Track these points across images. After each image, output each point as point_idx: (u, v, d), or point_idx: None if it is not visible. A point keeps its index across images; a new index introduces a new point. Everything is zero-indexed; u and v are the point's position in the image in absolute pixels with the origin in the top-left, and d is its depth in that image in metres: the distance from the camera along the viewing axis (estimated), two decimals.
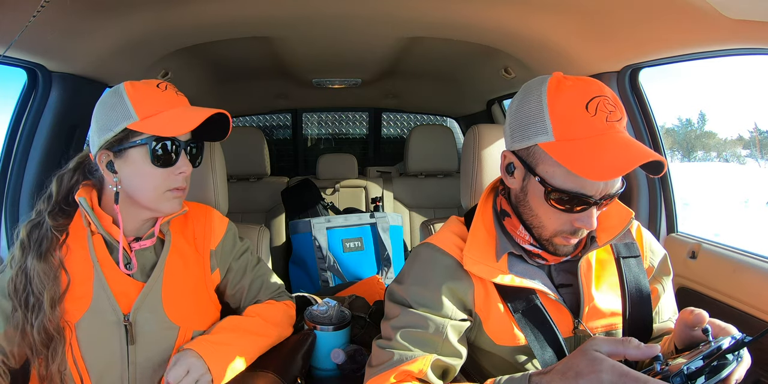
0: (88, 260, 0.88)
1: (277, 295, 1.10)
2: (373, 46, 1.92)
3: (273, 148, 2.94)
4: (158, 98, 0.86)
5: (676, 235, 1.44)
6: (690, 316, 0.71)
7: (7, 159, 1.29)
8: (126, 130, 0.84)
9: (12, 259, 0.87)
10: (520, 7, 1.33)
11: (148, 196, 0.88)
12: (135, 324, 0.88)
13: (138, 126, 0.84)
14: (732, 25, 0.96)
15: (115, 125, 0.84)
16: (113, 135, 0.84)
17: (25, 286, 0.84)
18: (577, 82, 0.74)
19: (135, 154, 0.86)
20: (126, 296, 0.89)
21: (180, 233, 0.98)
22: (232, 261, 1.04)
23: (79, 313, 0.86)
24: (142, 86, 0.87)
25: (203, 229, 1.01)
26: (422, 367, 0.76)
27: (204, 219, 1.02)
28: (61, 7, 1.02)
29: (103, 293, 0.87)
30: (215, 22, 1.42)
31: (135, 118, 0.84)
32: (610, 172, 0.67)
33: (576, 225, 0.75)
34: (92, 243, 0.89)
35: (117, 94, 0.86)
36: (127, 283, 0.90)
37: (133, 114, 0.84)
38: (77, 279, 0.87)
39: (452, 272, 0.82)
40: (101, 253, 0.89)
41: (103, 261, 0.89)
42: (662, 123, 1.52)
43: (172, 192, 0.89)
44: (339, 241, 2.18)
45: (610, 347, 0.62)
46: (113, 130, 0.84)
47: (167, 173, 0.87)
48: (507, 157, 0.81)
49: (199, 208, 1.05)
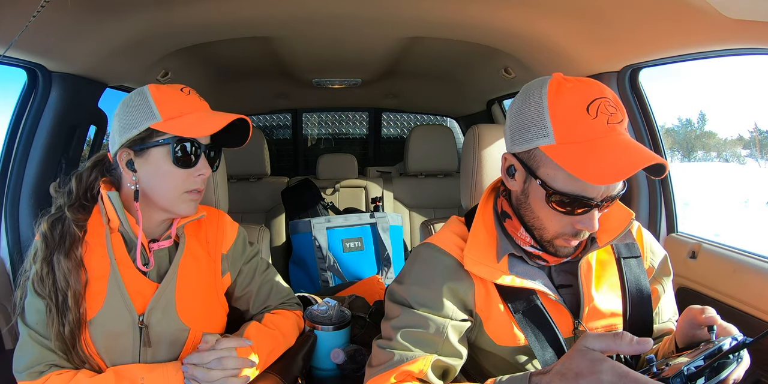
0: (105, 258, 0.88)
1: (288, 302, 1.10)
2: (373, 46, 1.92)
3: (273, 148, 2.94)
4: (182, 101, 0.88)
5: (676, 235, 1.44)
6: (700, 315, 0.71)
7: (7, 159, 1.29)
8: (149, 129, 0.86)
9: (35, 254, 0.87)
10: (520, 7, 1.33)
11: (166, 196, 0.89)
12: (150, 326, 0.88)
13: (161, 126, 0.85)
14: (732, 25, 0.96)
15: (138, 124, 0.86)
16: (136, 133, 0.86)
17: (53, 282, 0.84)
18: (577, 83, 0.73)
19: (156, 153, 0.87)
20: (141, 296, 0.89)
21: (194, 236, 0.99)
22: (242, 265, 1.05)
23: (94, 311, 0.87)
24: (167, 89, 0.89)
25: (215, 234, 1.02)
26: (423, 367, 0.76)
27: (217, 223, 1.03)
28: (61, 7, 1.02)
29: (118, 291, 0.88)
30: (215, 22, 1.42)
31: (159, 119, 0.85)
32: (612, 175, 0.66)
33: (577, 227, 0.75)
34: (110, 241, 0.89)
35: (141, 95, 0.87)
36: (142, 283, 0.90)
37: (157, 114, 0.85)
38: (93, 276, 0.88)
39: (453, 272, 0.82)
40: (119, 252, 0.89)
41: (121, 259, 0.89)
42: (662, 123, 1.52)
43: (190, 194, 0.90)
44: (339, 241, 2.18)
45: (603, 344, 0.61)
46: (137, 129, 0.86)
47: (187, 174, 0.88)
48: (507, 160, 0.81)
49: (212, 212, 1.05)
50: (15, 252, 1.24)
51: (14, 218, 1.26)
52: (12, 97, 1.33)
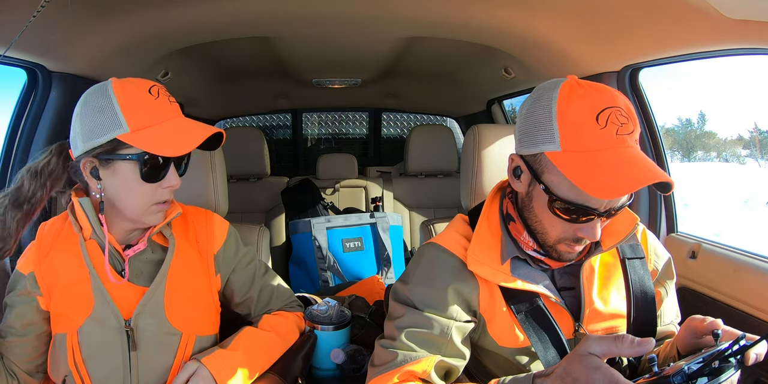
0: (83, 267, 0.86)
1: (288, 304, 1.09)
2: (373, 46, 1.92)
3: (273, 148, 2.94)
4: (151, 108, 0.81)
5: (676, 235, 1.44)
6: (702, 324, 0.70)
7: (7, 159, 1.28)
8: (115, 140, 0.79)
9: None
10: (520, 7, 1.33)
11: (133, 210, 0.85)
12: (136, 329, 0.87)
13: (129, 138, 0.79)
14: (732, 25, 0.96)
15: (103, 133, 0.79)
16: (100, 144, 0.80)
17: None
18: (589, 90, 0.71)
19: (123, 167, 0.82)
20: (126, 301, 0.87)
21: (183, 238, 0.96)
22: (238, 268, 1.03)
23: (81, 320, 0.85)
24: (133, 90, 0.81)
25: (205, 233, 0.99)
26: (426, 367, 0.76)
27: (205, 223, 1.01)
28: (61, 7, 1.02)
29: (103, 299, 0.86)
30: (215, 22, 1.42)
31: (126, 129, 0.79)
32: (614, 190, 0.65)
33: (579, 234, 0.74)
34: (86, 249, 0.87)
35: (105, 96, 0.80)
36: (126, 288, 0.88)
37: (123, 124, 0.79)
38: (75, 286, 0.86)
39: (458, 273, 0.82)
40: (97, 259, 0.87)
41: (99, 267, 0.86)
42: (662, 123, 1.52)
43: (158, 205, 0.86)
44: (339, 241, 2.18)
45: (604, 347, 0.61)
46: (101, 139, 0.79)
47: (155, 187, 0.84)
48: (514, 161, 0.80)
49: (199, 212, 1.03)
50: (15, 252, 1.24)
51: None
52: (12, 97, 1.33)
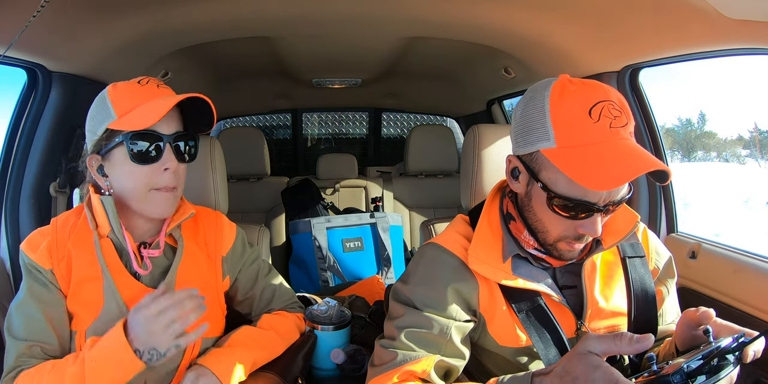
0: (96, 265, 0.85)
1: (290, 305, 1.09)
2: (373, 46, 1.92)
3: (273, 148, 2.94)
4: (136, 93, 0.84)
5: (676, 235, 1.44)
6: (695, 314, 0.71)
7: (7, 159, 1.28)
8: (107, 130, 0.82)
9: None
10: (520, 7, 1.33)
11: (133, 197, 0.85)
12: None
13: (116, 124, 0.81)
14: (732, 25, 0.96)
15: (98, 127, 0.83)
16: (97, 138, 0.83)
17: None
18: (581, 86, 0.72)
19: (117, 154, 0.83)
20: (136, 302, 0.85)
21: (192, 239, 0.96)
22: (243, 268, 1.03)
23: (90, 319, 0.85)
24: (124, 85, 0.85)
25: (214, 235, 0.99)
26: (426, 367, 0.76)
27: (215, 225, 1.00)
28: (61, 7, 1.02)
29: (113, 299, 0.85)
30: (215, 22, 1.42)
31: (114, 117, 0.82)
32: (611, 181, 0.66)
33: (580, 231, 0.74)
34: (100, 247, 0.86)
35: (101, 96, 0.85)
36: (137, 288, 0.87)
37: (112, 113, 0.82)
38: (86, 284, 0.85)
39: (458, 273, 0.82)
40: (110, 258, 0.87)
41: (113, 266, 0.86)
42: (662, 123, 1.52)
43: (159, 192, 0.85)
44: (339, 241, 2.18)
45: (603, 346, 0.61)
46: (97, 133, 0.83)
47: (151, 170, 0.83)
48: (512, 162, 0.81)
49: (209, 213, 1.03)
50: (15, 252, 1.24)
51: (14, 218, 1.26)
52: (12, 97, 1.33)
